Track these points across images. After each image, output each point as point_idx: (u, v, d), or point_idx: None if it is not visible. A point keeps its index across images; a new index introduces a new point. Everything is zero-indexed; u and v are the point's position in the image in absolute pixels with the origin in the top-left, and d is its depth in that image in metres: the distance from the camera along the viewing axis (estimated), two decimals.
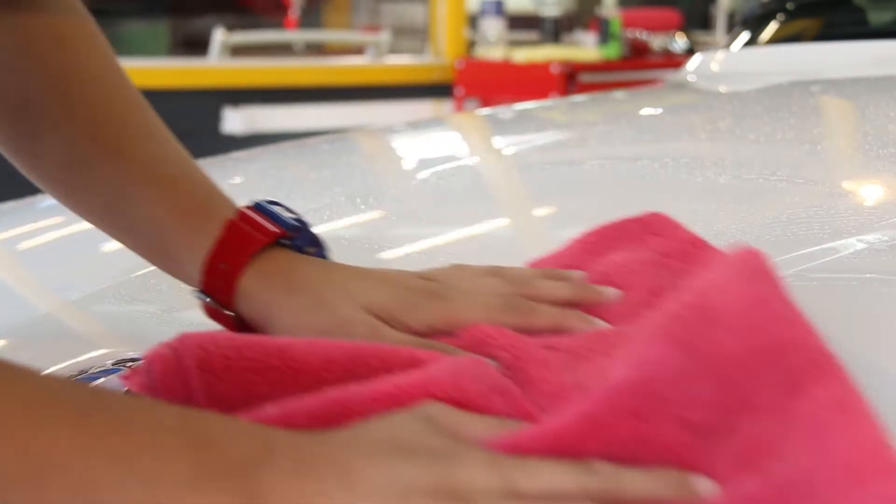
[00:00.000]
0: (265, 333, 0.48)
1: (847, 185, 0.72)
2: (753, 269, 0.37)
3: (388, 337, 0.48)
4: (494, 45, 3.35)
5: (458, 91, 3.29)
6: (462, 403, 0.38)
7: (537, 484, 0.34)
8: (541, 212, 0.65)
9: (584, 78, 3.04)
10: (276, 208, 0.52)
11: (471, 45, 3.55)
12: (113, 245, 0.74)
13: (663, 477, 0.34)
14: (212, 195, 0.54)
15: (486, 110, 1.55)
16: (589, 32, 3.68)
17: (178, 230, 0.52)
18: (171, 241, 0.53)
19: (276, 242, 0.51)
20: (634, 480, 0.34)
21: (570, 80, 3.00)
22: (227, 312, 0.50)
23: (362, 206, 0.75)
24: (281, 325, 0.49)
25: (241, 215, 0.51)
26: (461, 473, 0.34)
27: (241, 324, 0.50)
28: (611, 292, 0.49)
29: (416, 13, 4.20)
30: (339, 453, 0.34)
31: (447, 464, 0.34)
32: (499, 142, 1.09)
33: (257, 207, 0.52)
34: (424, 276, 0.51)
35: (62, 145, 0.55)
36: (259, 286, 0.50)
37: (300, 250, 0.52)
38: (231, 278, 0.50)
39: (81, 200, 0.56)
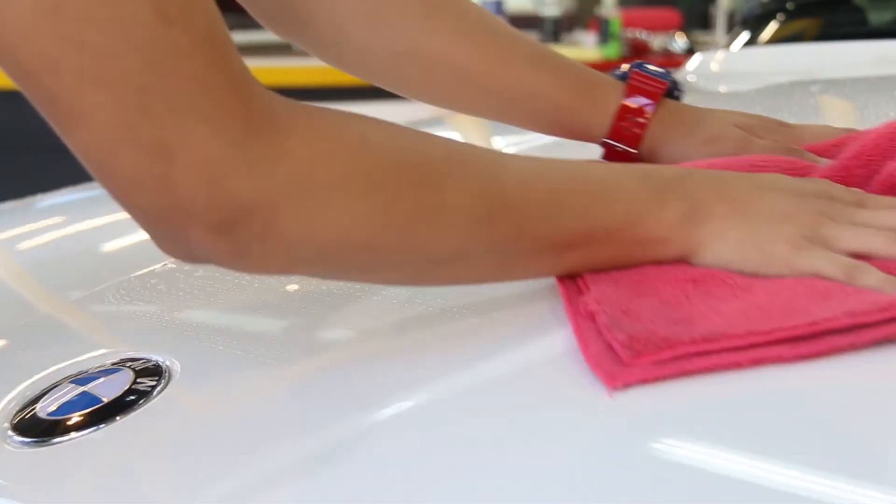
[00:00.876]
0: (655, 162, 0.65)
1: None
2: None
3: (757, 145, 0.64)
4: None
5: None
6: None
7: (882, 220, 0.47)
8: None
9: None
10: (650, 66, 0.69)
11: None
12: (113, 245, 0.74)
13: None
14: (592, 71, 0.70)
15: None
16: (589, 32, 3.69)
17: (584, 104, 0.68)
18: (578, 114, 0.68)
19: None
20: None
21: None
22: (632, 151, 0.66)
23: None
24: (672, 151, 0.65)
25: (635, 77, 0.68)
26: (829, 223, 0.47)
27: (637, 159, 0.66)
28: None
29: None
30: (739, 189, 0.49)
31: (820, 206, 0.48)
32: (499, 141, 1.09)
33: (639, 68, 0.69)
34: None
35: (469, 52, 0.68)
36: (662, 129, 0.66)
37: (672, 94, 0.69)
38: (641, 127, 0.66)
39: (480, 107, 0.71)
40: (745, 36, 1.45)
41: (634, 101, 0.66)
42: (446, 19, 0.68)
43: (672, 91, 0.69)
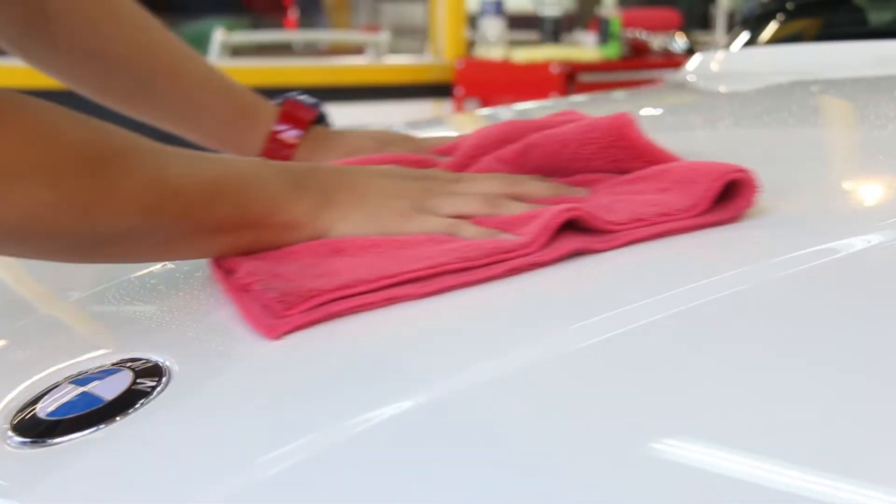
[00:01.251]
0: None
1: (847, 184, 0.72)
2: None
3: (393, 151, 0.77)
4: (494, 45, 3.35)
5: (458, 91, 3.29)
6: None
7: (473, 188, 0.60)
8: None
9: (584, 78, 3.04)
10: (302, 97, 0.83)
11: (470, 45, 3.55)
12: None
13: (548, 187, 0.61)
14: (253, 95, 0.82)
15: (485, 110, 1.54)
16: (589, 32, 3.69)
17: (241, 124, 0.80)
18: (235, 132, 0.80)
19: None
20: (535, 186, 0.61)
21: (570, 80, 3.00)
22: None
23: None
24: None
25: (288, 105, 0.81)
26: (432, 196, 0.58)
27: None
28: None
29: (415, 13, 4.20)
30: (358, 178, 0.59)
31: (424, 184, 0.59)
32: None
33: (293, 98, 0.82)
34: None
35: (135, 75, 0.78)
36: (306, 150, 0.80)
37: (321, 121, 0.84)
38: (290, 150, 0.80)
39: (151, 114, 0.80)
40: (745, 36, 1.45)
41: (284, 128, 0.80)
42: (130, 29, 0.77)
43: (321, 119, 0.83)
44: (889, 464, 0.33)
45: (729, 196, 0.56)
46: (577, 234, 0.52)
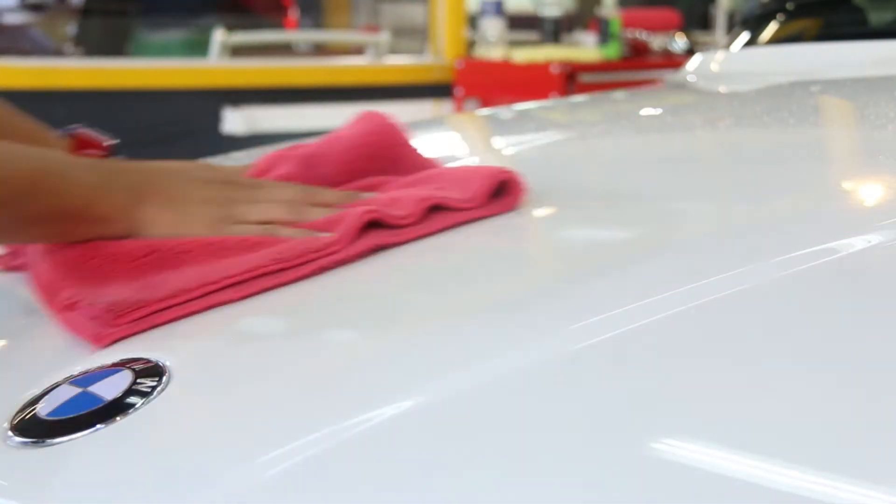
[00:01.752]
0: None
1: (847, 185, 0.72)
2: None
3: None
4: (494, 45, 3.35)
5: (458, 91, 3.29)
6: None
7: (273, 195, 0.63)
8: (540, 212, 0.65)
9: (584, 78, 3.03)
10: (90, 130, 0.78)
11: (471, 45, 3.54)
12: None
13: (341, 194, 0.64)
14: (35, 123, 0.76)
15: (485, 110, 1.54)
16: (589, 32, 3.68)
17: None
18: None
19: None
20: (329, 194, 0.64)
21: (570, 80, 3.00)
22: None
23: None
24: None
25: (81, 135, 0.76)
26: (237, 203, 0.61)
27: None
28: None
29: (416, 13, 4.20)
30: (170, 179, 0.61)
31: (229, 191, 0.62)
32: (499, 142, 1.09)
33: (80, 129, 0.77)
34: None
35: None
36: None
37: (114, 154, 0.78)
38: None
39: None
40: (744, 36, 1.45)
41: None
42: None
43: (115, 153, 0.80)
44: (889, 464, 0.33)
45: (500, 195, 0.63)
46: (373, 231, 0.58)
